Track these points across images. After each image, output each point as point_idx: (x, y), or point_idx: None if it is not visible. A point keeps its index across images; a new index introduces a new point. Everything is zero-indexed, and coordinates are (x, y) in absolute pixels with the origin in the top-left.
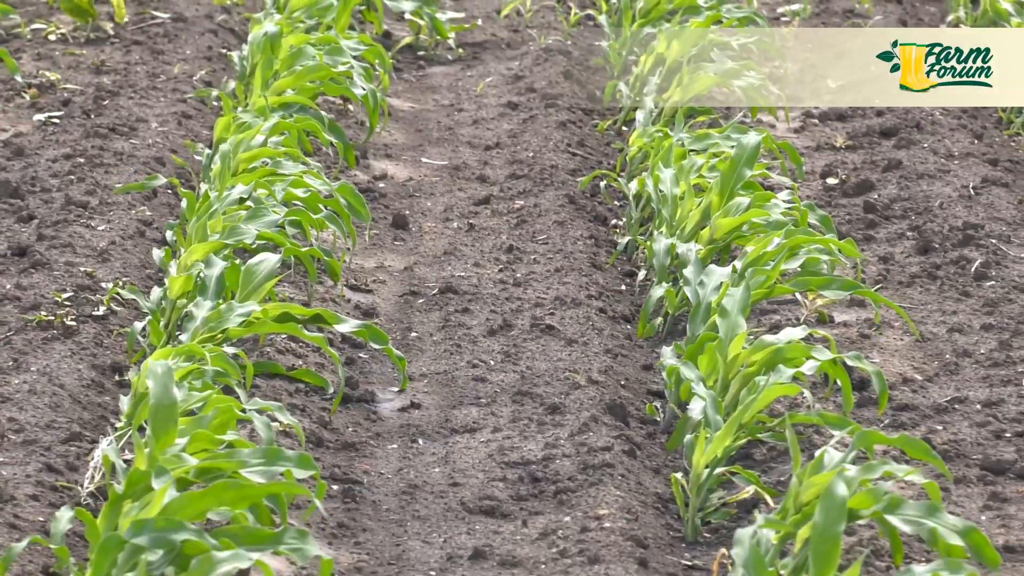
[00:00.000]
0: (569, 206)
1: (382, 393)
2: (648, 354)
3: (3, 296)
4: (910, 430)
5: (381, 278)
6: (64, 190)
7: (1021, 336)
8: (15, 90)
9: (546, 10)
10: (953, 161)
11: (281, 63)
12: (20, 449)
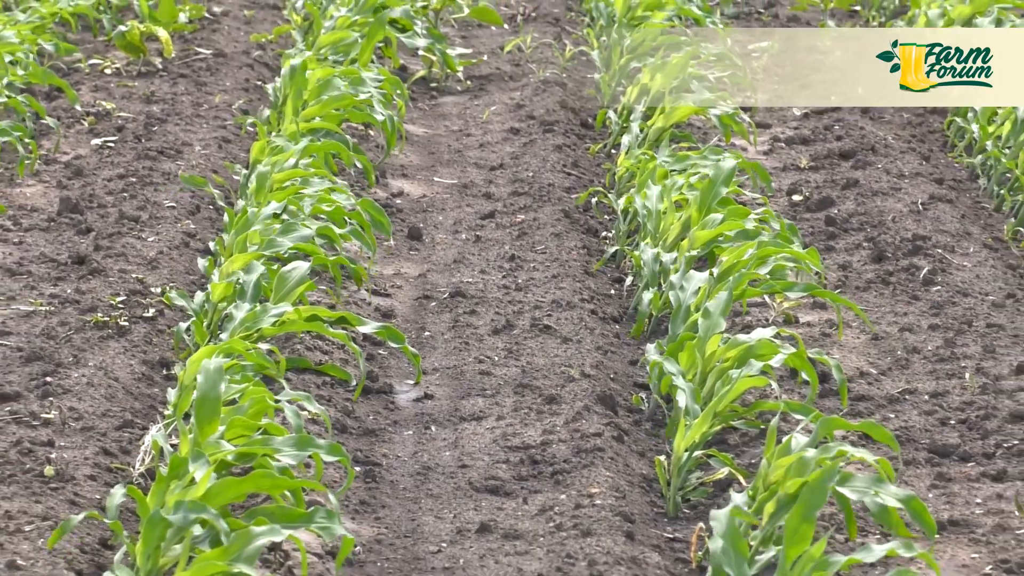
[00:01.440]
0: (565, 220)
1: (399, 385)
2: (634, 351)
3: (64, 299)
4: (866, 418)
5: (398, 284)
6: (118, 206)
7: (964, 335)
8: (75, 118)
9: (544, 47)
10: (904, 180)
11: (310, 93)
12: (79, 435)
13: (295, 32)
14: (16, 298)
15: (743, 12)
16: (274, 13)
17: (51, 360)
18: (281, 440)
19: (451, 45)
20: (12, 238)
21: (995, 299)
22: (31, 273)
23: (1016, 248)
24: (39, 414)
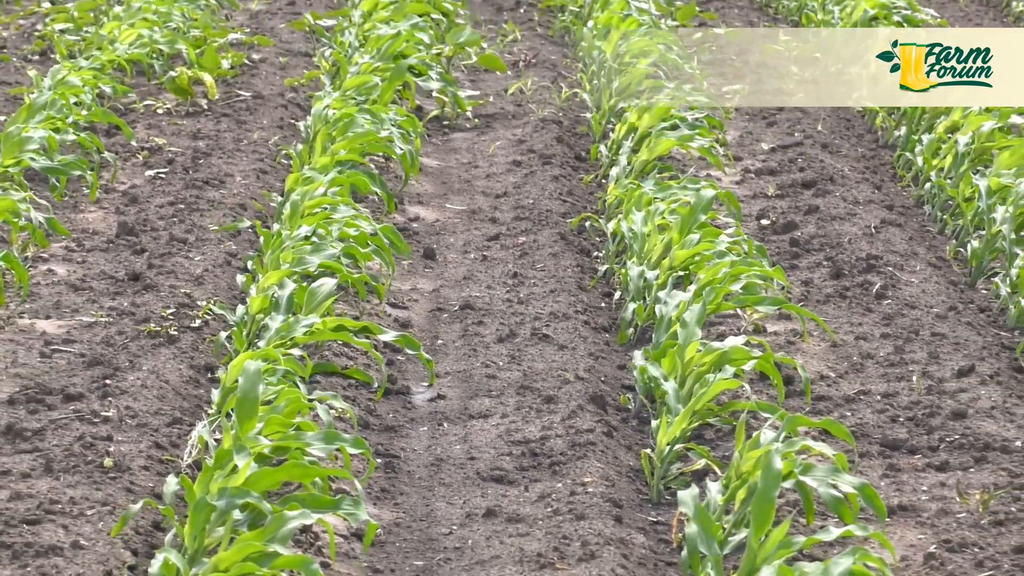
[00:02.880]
0: (561, 242)
1: (415, 387)
2: (622, 357)
3: (121, 312)
4: (826, 416)
5: (414, 297)
6: (168, 229)
7: (911, 343)
8: (131, 152)
9: (543, 89)
10: (859, 207)
11: (337, 130)
12: (134, 430)
13: (324, 77)
14: (79, 310)
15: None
16: (305, 60)
17: (110, 365)
18: (312, 435)
19: (461, 88)
20: (76, 258)
21: (939, 311)
22: (92, 288)
23: (957, 266)
24: (99, 412)
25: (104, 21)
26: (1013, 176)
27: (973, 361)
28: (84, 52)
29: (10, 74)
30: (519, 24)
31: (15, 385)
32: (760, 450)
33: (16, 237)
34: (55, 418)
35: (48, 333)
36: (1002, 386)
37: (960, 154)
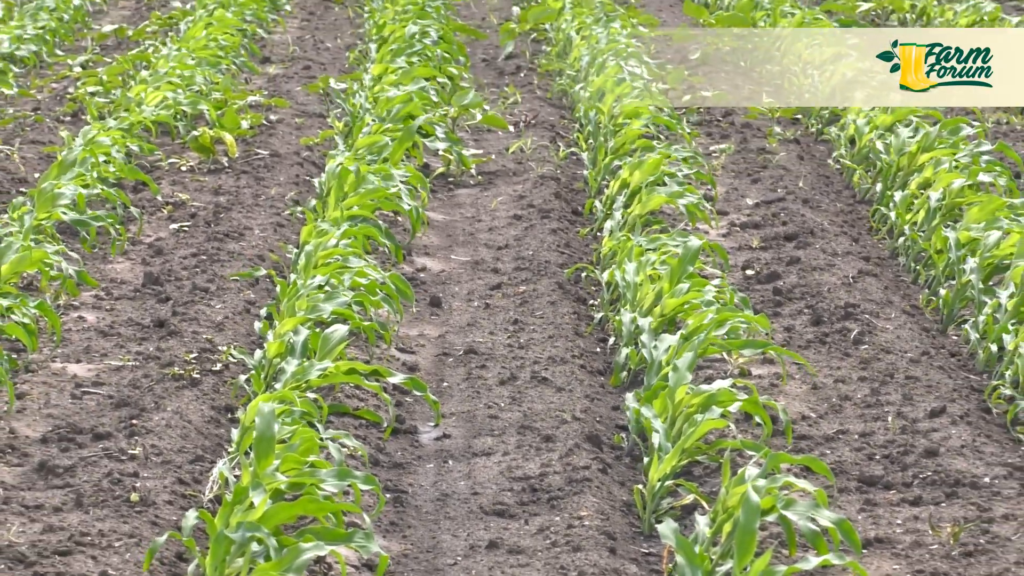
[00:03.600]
0: (559, 291)
1: (422, 427)
2: (616, 398)
3: (148, 356)
4: (807, 453)
5: (421, 343)
6: (191, 279)
7: (887, 385)
8: (157, 207)
9: (542, 148)
10: (837, 258)
11: (349, 186)
12: (159, 467)
13: (337, 136)
14: (108, 355)
15: (705, 120)
16: (320, 121)
17: (136, 406)
18: (325, 472)
19: (466, 147)
20: (105, 306)
21: (912, 356)
22: (120, 334)
23: (929, 314)
24: (127, 450)
25: (132, 84)
26: (981, 230)
27: (944, 403)
28: (113, 113)
29: (44, 134)
30: (519, 87)
31: (48, 425)
32: (745, 486)
33: (48, 286)
34: (85, 456)
35: (79, 376)
36: (971, 426)
37: (932, 209)
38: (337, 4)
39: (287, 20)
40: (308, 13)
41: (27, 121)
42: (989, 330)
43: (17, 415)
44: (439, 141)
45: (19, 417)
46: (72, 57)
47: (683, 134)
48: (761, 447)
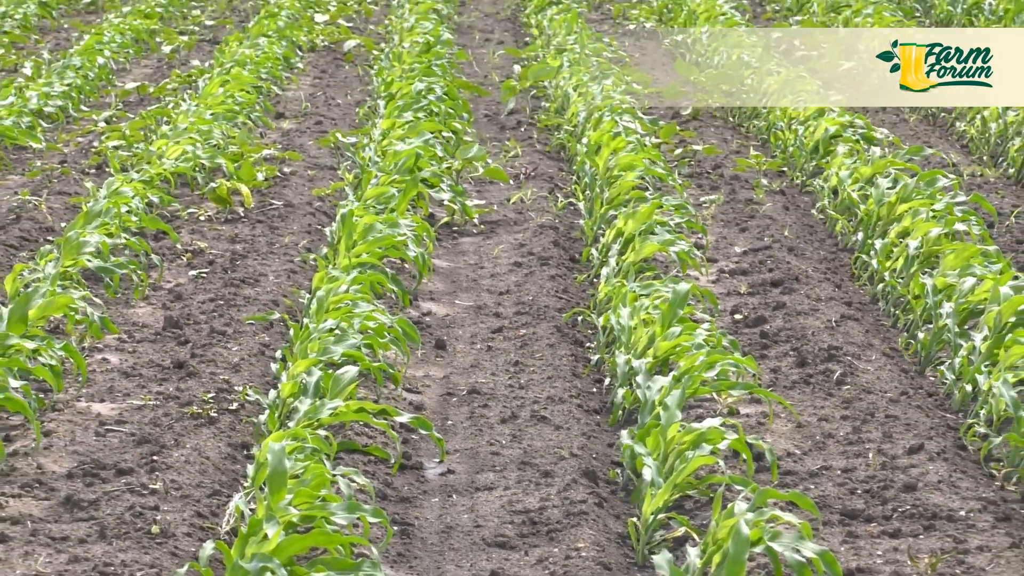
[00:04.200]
0: (557, 334)
1: (428, 463)
2: (611, 436)
3: (168, 396)
4: (792, 488)
5: (427, 383)
6: (209, 323)
7: (868, 424)
8: (176, 254)
9: (541, 199)
10: (821, 303)
11: (358, 235)
12: (179, 501)
13: (347, 188)
14: (130, 395)
15: (695, 172)
16: (331, 173)
17: (157, 443)
18: (335, 505)
19: (469, 197)
20: (127, 348)
21: (892, 396)
22: (142, 375)
23: (907, 356)
24: (148, 485)
25: (153, 138)
26: (957, 276)
27: (922, 440)
28: (135, 166)
29: (69, 185)
30: (520, 141)
31: (73, 461)
32: (734, 519)
33: (74, 329)
34: (108, 490)
35: (102, 415)
36: (948, 462)
37: (910, 257)
38: (347, 62)
39: (300, 78)
40: (320, 71)
41: (54, 173)
42: (964, 371)
43: (44, 451)
44: (444, 192)
45: (46, 453)
46: (97, 113)
47: (675, 185)
48: (749, 482)
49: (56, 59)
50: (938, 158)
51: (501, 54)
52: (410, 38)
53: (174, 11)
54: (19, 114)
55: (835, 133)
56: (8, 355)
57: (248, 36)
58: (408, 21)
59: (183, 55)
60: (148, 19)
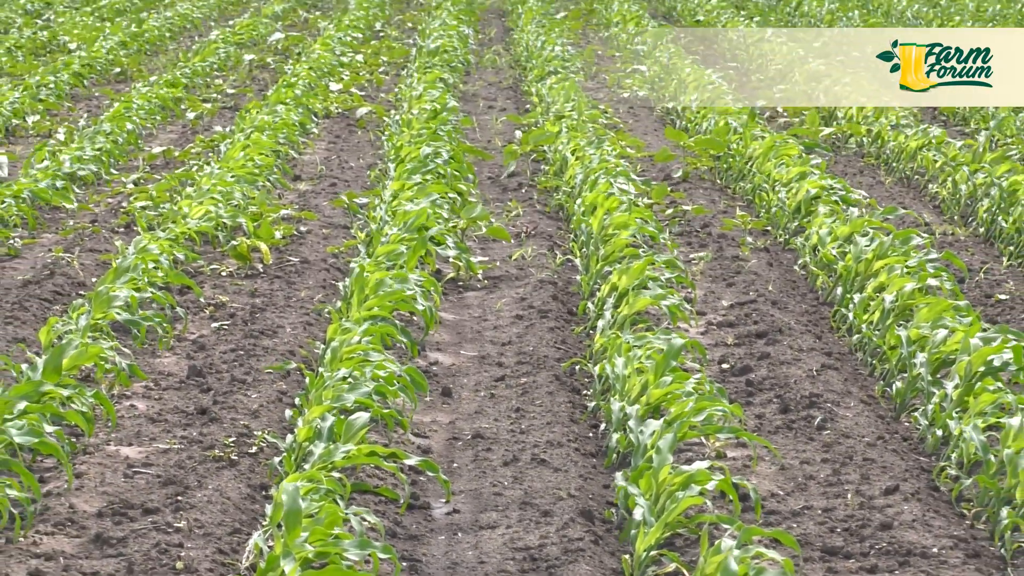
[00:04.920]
0: (556, 382)
1: (435, 503)
2: (607, 478)
3: (191, 440)
4: (776, 527)
5: (434, 428)
6: (230, 372)
7: (846, 466)
8: (200, 307)
9: (541, 255)
10: (803, 353)
11: (370, 289)
12: (201, 539)
13: (360, 245)
14: (156, 439)
15: (685, 231)
16: (344, 231)
17: (181, 484)
18: (348, 542)
19: (473, 254)
20: (153, 395)
21: (869, 440)
22: (167, 421)
23: (884, 403)
24: (172, 524)
25: (178, 199)
26: (930, 328)
27: (898, 482)
28: (161, 225)
29: (100, 243)
30: (521, 202)
31: (103, 501)
32: (721, 556)
33: (104, 378)
34: (136, 528)
35: (130, 458)
36: (921, 502)
37: (886, 310)
38: (359, 128)
39: (315, 142)
40: (334, 136)
41: (86, 232)
42: (937, 417)
43: (76, 492)
44: (450, 249)
45: (77, 494)
46: (126, 175)
47: (666, 243)
48: (735, 521)
49: (88, 125)
50: (912, 218)
51: (503, 120)
52: (418, 105)
53: (198, 80)
54: (53, 177)
55: (816, 195)
56: (43, 402)
57: (267, 103)
58: (416, 89)
59: (206, 121)
60: (173, 88)
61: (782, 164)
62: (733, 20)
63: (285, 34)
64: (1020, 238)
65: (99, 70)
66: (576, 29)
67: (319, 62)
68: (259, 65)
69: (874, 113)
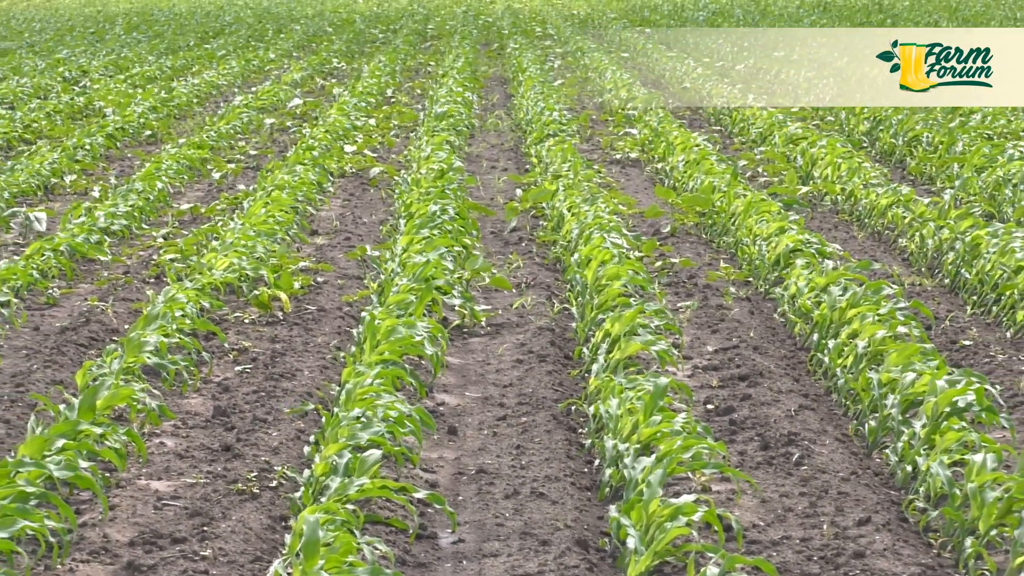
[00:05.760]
0: (553, 421)
1: (442, 533)
2: (601, 510)
3: (216, 475)
4: (757, 556)
5: (441, 464)
6: (252, 412)
7: (822, 499)
8: (224, 352)
9: (540, 304)
10: (782, 395)
11: (381, 335)
12: (226, 567)
13: (372, 295)
14: (184, 474)
15: (673, 281)
16: (358, 282)
17: (207, 515)
18: (361, 570)
19: (477, 303)
20: (181, 434)
21: (843, 475)
22: (194, 457)
23: (857, 441)
24: (199, 552)
25: (204, 252)
26: (899, 372)
27: (870, 514)
28: (189, 276)
29: (132, 293)
30: (521, 255)
31: (134, 531)
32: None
33: (135, 417)
34: (165, 556)
35: (160, 491)
36: (892, 533)
37: (859, 355)
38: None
39: (331, 200)
40: (348, 194)
41: (119, 283)
42: (906, 454)
43: (109, 523)
44: (455, 298)
45: (111, 524)
46: (156, 230)
47: (655, 293)
48: (719, 550)
49: (121, 184)
50: (883, 270)
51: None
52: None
53: (223, 142)
54: (89, 231)
55: (794, 248)
56: (79, 439)
57: (287, 164)
58: (425, 151)
59: (230, 180)
60: (200, 149)
61: (763, 220)
62: (717, 87)
63: (303, 100)
64: (983, 289)
65: (131, 133)
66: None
67: (335, 126)
68: (279, 128)
69: (847, 173)
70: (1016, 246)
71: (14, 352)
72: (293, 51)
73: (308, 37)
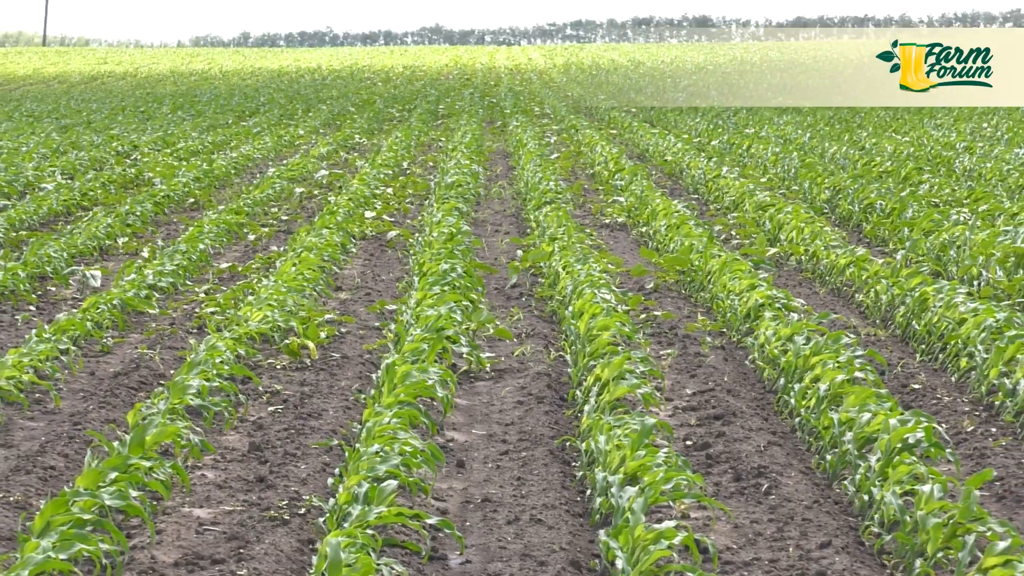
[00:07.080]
0: (550, 456)
1: (451, 555)
2: (592, 535)
3: (251, 503)
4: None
5: (450, 493)
6: (283, 447)
7: (788, 525)
8: (258, 395)
9: (538, 352)
10: (753, 432)
11: (398, 379)
12: None
13: (390, 344)
14: (222, 502)
15: (656, 332)
16: (377, 332)
17: (243, 539)
18: None
19: (482, 351)
20: (220, 466)
21: (807, 503)
22: (231, 487)
23: (819, 474)
24: (236, 572)
25: (241, 306)
26: (856, 412)
27: (830, 538)
28: (227, 327)
29: (177, 342)
30: (521, 308)
31: (179, 553)
32: None
33: (180, 452)
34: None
35: (201, 517)
36: (850, 555)
37: (821, 397)
38: (389, 248)
39: (354, 260)
40: (369, 255)
41: (165, 333)
42: (862, 485)
43: (156, 546)
44: (463, 347)
45: (158, 547)
46: (198, 286)
47: (640, 342)
48: (697, 570)
49: (167, 245)
50: (841, 322)
51: (507, 242)
52: (438, 229)
53: (257, 209)
54: (139, 287)
55: (763, 303)
56: (129, 471)
57: (314, 228)
58: (436, 216)
59: (264, 242)
60: (238, 215)
61: (735, 278)
62: (695, 160)
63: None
64: (930, 339)
65: (177, 200)
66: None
67: (357, 194)
68: (308, 196)
69: (810, 236)
70: (959, 300)
71: (72, 394)
72: (320, 128)
73: (333, 116)
